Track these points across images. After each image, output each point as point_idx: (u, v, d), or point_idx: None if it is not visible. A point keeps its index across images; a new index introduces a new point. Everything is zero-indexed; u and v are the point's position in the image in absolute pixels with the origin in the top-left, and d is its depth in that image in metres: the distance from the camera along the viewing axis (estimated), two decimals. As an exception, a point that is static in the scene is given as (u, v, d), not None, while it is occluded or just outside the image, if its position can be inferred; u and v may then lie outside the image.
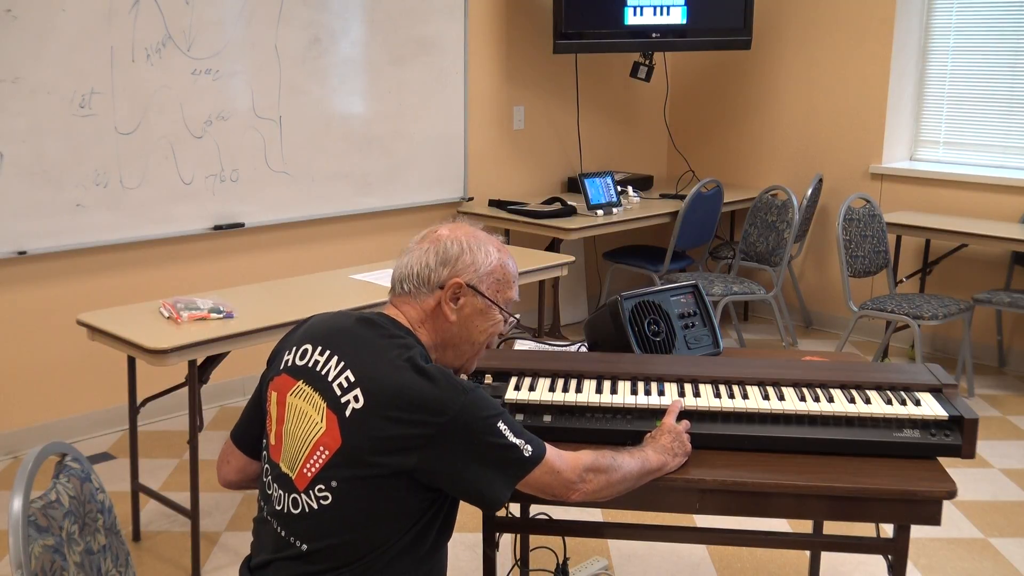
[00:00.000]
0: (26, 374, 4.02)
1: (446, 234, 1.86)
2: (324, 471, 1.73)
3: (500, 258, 1.87)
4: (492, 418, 1.73)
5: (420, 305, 1.84)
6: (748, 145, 6.15)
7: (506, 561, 3.08)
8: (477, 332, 1.87)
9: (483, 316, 1.86)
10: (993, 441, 4.28)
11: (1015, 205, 5.12)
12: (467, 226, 1.90)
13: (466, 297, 1.84)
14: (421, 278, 1.83)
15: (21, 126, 3.76)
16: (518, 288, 1.92)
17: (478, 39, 5.30)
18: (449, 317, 1.83)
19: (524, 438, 1.77)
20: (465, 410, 1.70)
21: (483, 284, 1.85)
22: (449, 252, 1.83)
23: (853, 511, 1.95)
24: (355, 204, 4.86)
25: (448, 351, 1.88)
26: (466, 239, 1.86)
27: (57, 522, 1.70)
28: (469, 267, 1.83)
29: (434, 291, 1.83)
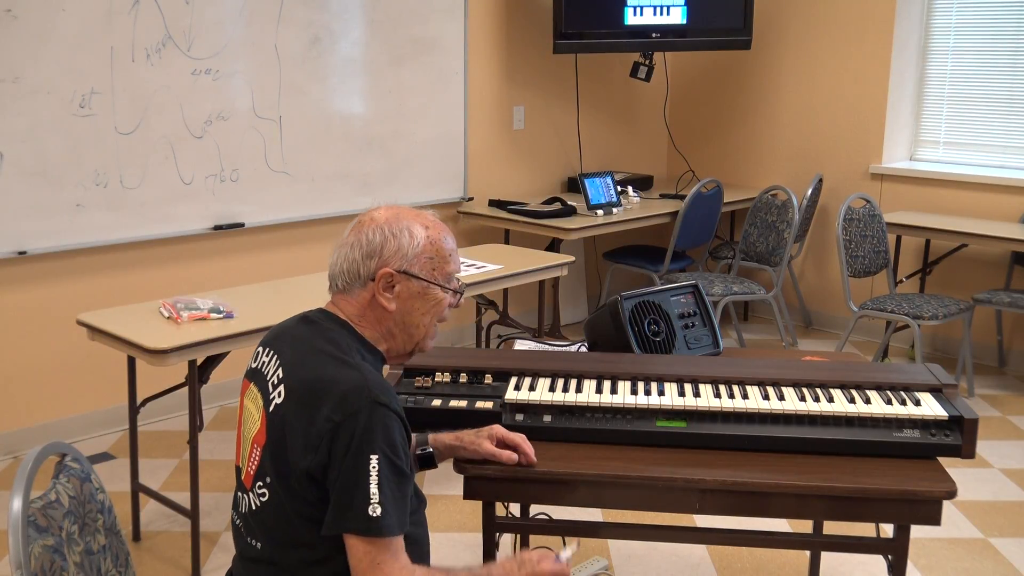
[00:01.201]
0: (26, 374, 4.02)
1: (367, 223, 1.81)
2: (259, 469, 1.75)
3: (429, 235, 1.81)
4: (376, 453, 1.63)
5: (356, 300, 1.81)
6: (748, 145, 6.15)
7: (506, 561, 3.07)
8: (421, 314, 1.82)
9: (423, 298, 1.81)
10: (993, 441, 4.28)
11: (1015, 205, 5.11)
12: (391, 208, 1.84)
13: (401, 283, 1.79)
14: (351, 274, 1.79)
15: (21, 126, 3.76)
16: (458, 258, 1.87)
17: (478, 39, 5.30)
18: (387, 307, 1.79)
19: (387, 502, 1.63)
20: (363, 420, 1.64)
21: (415, 266, 1.79)
22: (373, 243, 1.78)
23: (853, 511, 1.96)
24: (355, 204, 4.85)
25: (397, 336, 1.83)
26: (387, 226, 1.79)
27: (57, 522, 1.70)
28: (396, 254, 1.78)
29: (366, 284, 1.79)
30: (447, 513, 3.57)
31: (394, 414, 1.67)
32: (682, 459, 2.02)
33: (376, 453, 1.63)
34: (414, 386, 2.19)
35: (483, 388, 2.19)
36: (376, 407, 1.65)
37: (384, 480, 1.63)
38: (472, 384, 2.20)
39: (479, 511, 2.09)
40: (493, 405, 2.11)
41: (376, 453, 1.63)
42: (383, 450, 1.64)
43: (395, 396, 1.70)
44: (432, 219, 1.84)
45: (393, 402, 1.68)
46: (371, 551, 1.63)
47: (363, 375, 1.69)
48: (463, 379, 2.22)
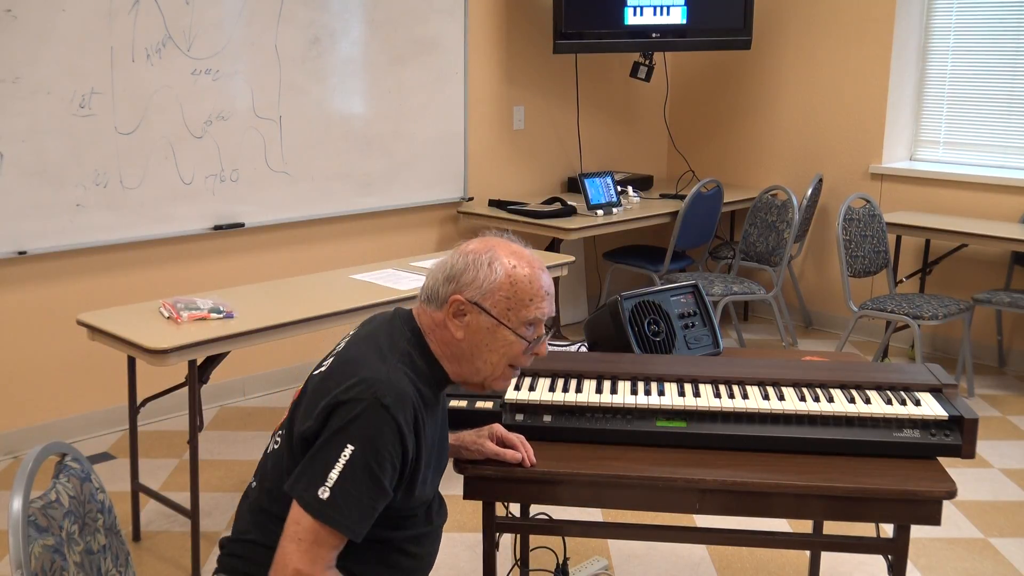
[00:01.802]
0: (26, 374, 4.02)
1: (463, 247, 1.82)
2: (285, 420, 1.82)
3: (512, 273, 1.77)
4: (354, 445, 1.64)
5: (432, 316, 1.81)
6: (748, 145, 6.15)
7: (506, 561, 3.08)
8: (488, 351, 1.79)
9: (491, 335, 1.78)
10: (993, 441, 4.28)
11: (1015, 205, 5.11)
12: (492, 239, 1.83)
13: (471, 314, 1.77)
14: (432, 291, 1.81)
15: (21, 126, 3.76)
16: (548, 308, 1.80)
17: (478, 39, 5.30)
18: (455, 334, 1.78)
19: (341, 494, 1.63)
20: (358, 409, 1.66)
21: (487, 300, 1.77)
22: (455, 268, 1.79)
23: (853, 511, 1.96)
24: (355, 204, 4.86)
25: (463, 364, 1.82)
26: (475, 254, 1.79)
27: (57, 522, 1.70)
28: (471, 284, 1.77)
29: (441, 306, 1.79)
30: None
31: (392, 421, 1.66)
32: (682, 459, 2.02)
33: (354, 445, 1.64)
34: (414, 386, 2.19)
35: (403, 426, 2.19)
36: (377, 406, 1.65)
37: (349, 473, 1.64)
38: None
39: (479, 511, 2.09)
40: (493, 405, 2.12)
41: (354, 445, 1.64)
42: (363, 446, 1.64)
43: (406, 407, 1.68)
44: (528, 260, 1.80)
45: (398, 411, 1.67)
46: (301, 524, 1.65)
47: (386, 373, 1.70)
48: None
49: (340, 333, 5.14)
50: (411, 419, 1.69)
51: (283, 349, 4.75)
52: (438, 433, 1.86)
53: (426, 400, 1.77)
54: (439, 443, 1.88)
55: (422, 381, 1.77)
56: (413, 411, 1.70)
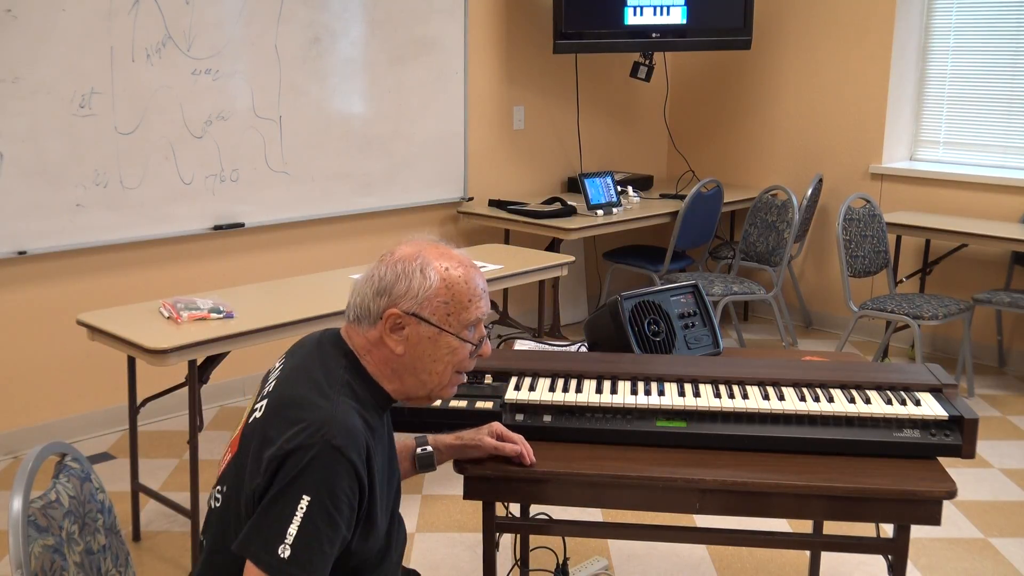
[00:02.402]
0: (26, 374, 4.02)
1: (388, 257, 1.71)
2: (224, 473, 1.70)
3: (446, 278, 1.68)
4: (309, 495, 1.53)
5: (365, 335, 1.70)
6: (748, 145, 6.15)
7: (506, 561, 3.08)
8: (432, 361, 1.70)
9: (434, 344, 1.69)
10: (993, 441, 4.28)
11: (1015, 205, 5.11)
12: (416, 245, 1.72)
13: (410, 327, 1.67)
14: (362, 309, 1.69)
15: (21, 126, 3.76)
16: (484, 306, 1.73)
17: (478, 39, 5.30)
18: (395, 349, 1.68)
19: (301, 548, 1.51)
20: (309, 457, 1.54)
21: (426, 310, 1.67)
22: (384, 280, 1.68)
23: (853, 511, 1.95)
24: (355, 204, 4.86)
25: (407, 379, 1.72)
26: (404, 264, 1.68)
27: (57, 522, 1.70)
28: (405, 294, 1.67)
29: (375, 323, 1.68)
30: (447, 513, 3.57)
31: (347, 462, 1.55)
32: (682, 459, 2.02)
33: (310, 495, 1.53)
34: (414, 386, 2.19)
35: (483, 388, 2.18)
36: (329, 449, 1.55)
37: (309, 526, 1.52)
38: (472, 384, 2.20)
39: (479, 511, 2.09)
40: (493, 405, 2.11)
41: (310, 495, 1.53)
42: (319, 494, 1.53)
43: (358, 444, 1.58)
44: (458, 261, 1.71)
45: (351, 449, 1.56)
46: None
47: (331, 412, 1.59)
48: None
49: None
50: (364, 455, 1.59)
51: (283, 349, 4.74)
52: (386, 456, 1.77)
53: (373, 428, 1.67)
54: (389, 465, 1.79)
55: (366, 409, 1.67)
56: (366, 446, 1.60)
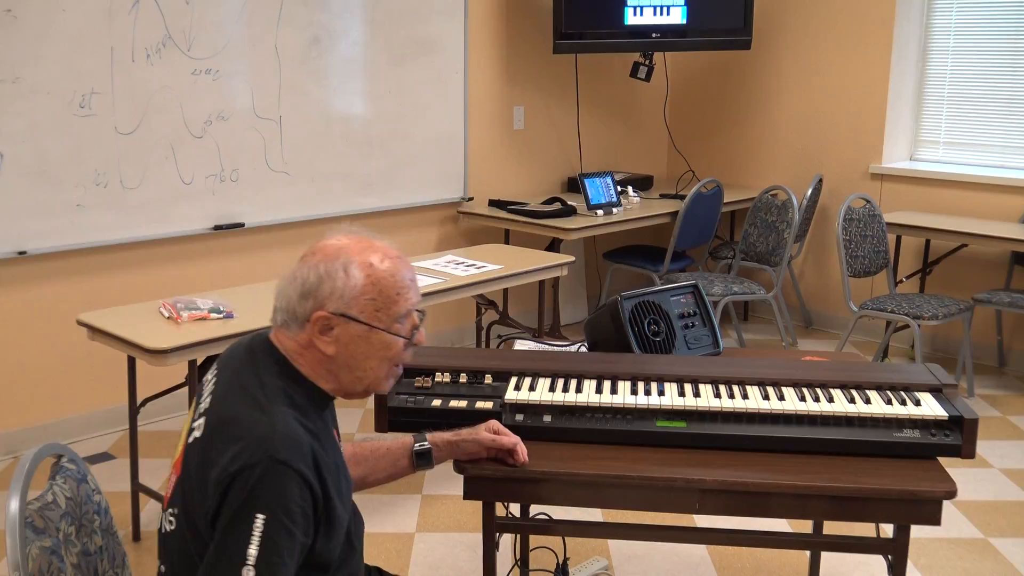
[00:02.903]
0: (26, 374, 4.02)
1: (309, 257, 1.67)
2: (172, 496, 1.66)
3: (370, 275, 1.64)
4: (263, 513, 1.51)
5: (295, 338, 1.67)
6: (748, 145, 6.15)
7: (506, 561, 3.07)
8: (366, 358, 1.67)
9: (366, 341, 1.65)
10: (993, 441, 4.28)
11: (1015, 205, 5.11)
12: (337, 241, 1.68)
13: (340, 327, 1.64)
14: (289, 312, 1.66)
15: (21, 126, 3.76)
16: (414, 296, 1.70)
17: (478, 39, 5.30)
18: (326, 351, 1.65)
19: (264, 566, 1.49)
20: (256, 476, 1.51)
21: (353, 308, 1.63)
22: (308, 282, 1.64)
23: (853, 511, 1.95)
24: (355, 204, 4.86)
25: (343, 377, 1.69)
26: (326, 264, 1.64)
27: (54, 523, 1.70)
28: (331, 295, 1.63)
29: (303, 326, 1.65)
30: (447, 513, 3.57)
31: (295, 473, 1.53)
32: (682, 459, 2.02)
33: (263, 513, 1.50)
34: (414, 386, 2.19)
35: (483, 388, 2.18)
36: (275, 465, 1.52)
37: (268, 544, 1.50)
38: (472, 384, 2.20)
39: (479, 511, 2.09)
40: (493, 405, 2.11)
41: (263, 513, 1.50)
42: (272, 511, 1.51)
43: (303, 452, 1.56)
44: (381, 255, 1.67)
45: (297, 460, 1.54)
46: None
47: (271, 427, 1.55)
48: (463, 379, 2.21)
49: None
50: (311, 461, 1.57)
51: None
52: (334, 455, 1.71)
53: (316, 432, 1.64)
54: (337, 462, 1.75)
55: (305, 413, 1.64)
56: (311, 452, 1.57)
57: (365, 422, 4.39)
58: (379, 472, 2.04)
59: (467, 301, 5.27)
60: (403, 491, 3.74)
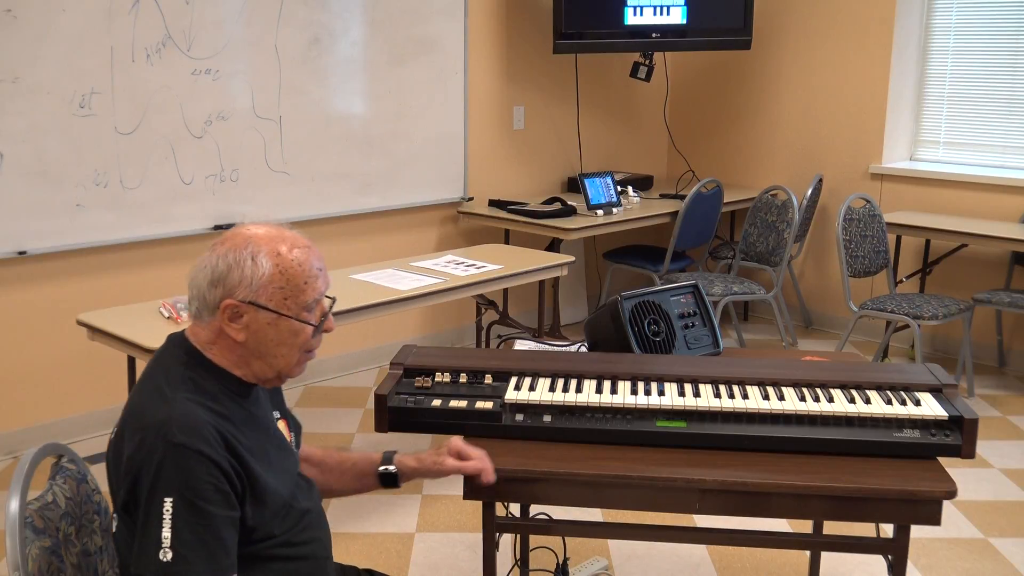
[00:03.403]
0: (26, 374, 4.02)
1: (219, 246, 1.70)
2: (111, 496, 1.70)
3: (278, 263, 1.68)
4: (170, 496, 1.55)
5: (207, 327, 1.70)
6: (748, 145, 6.15)
7: (506, 561, 3.07)
8: (276, 345, 1.70)
9: (275, 328, 1.69)
10: (993, 441, 4.28)
11: (1015, 205, 5.11)
12: (246, 230, 1.72)
13: (249, 314, 1.67)
14: (200, 301, 1.69)
15: (21, 126, 3.76)
16: (322, 284, 1.74)
17: (478, 39, 5.30)
18: (236, 338, 1.68)
19: (182, 546, 1.54)
20: (156, 461, 1.56)
21: (262, 296, 1.67)
22: (217, 270, 1.67)
23: (853, 511, 1.95)
24: (355, 204, 4.86)
25: (255, 363, 1.72)
26: (235, 253, 1.67)
27: (54, 523, 1.70)
28: (239, 283, 1.66)
29: (213, 313, 1.68)
30: (447, 513, 3.57)
31: (195, 453, 1.56)
32: (682, 459, 2.02)
33: (170, 496, 1.55)
34: (414, 386, 2.19)
35: (483, 388, 2.18)
36: (172, 448, 1.56)
37: (180, 523, 1.54)
38: (472, 384, 2.20)
39: (479, 511, 2.09)
40: (493, 405, 2.11)
41: (170, 496, 1.55)
42: (179, 492, 1.55)
43: (204, 433, 1.59)
44: (289, 243, 1.71)
45: (196, 441, 1.57)
46: None
47: (169, 412, 1.60)
48: (463, 379, 2.21)
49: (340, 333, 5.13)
50: (215, 439, 1.60)
51: (283, 349, 4.74)
52: (261, 438, 1.75)
53: (230, 415, 1.67)
54: (274, 443, 1.79)
55: (216, 399, 1.67)
56: (215, 431, 1.60)
57: (365, 422, 4.39)
58: (345, 485, 2.04)
59: (467, 301, 5.27)
60: (403, 491, 3.73)
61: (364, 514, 3.55)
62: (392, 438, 4.25)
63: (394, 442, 4.18)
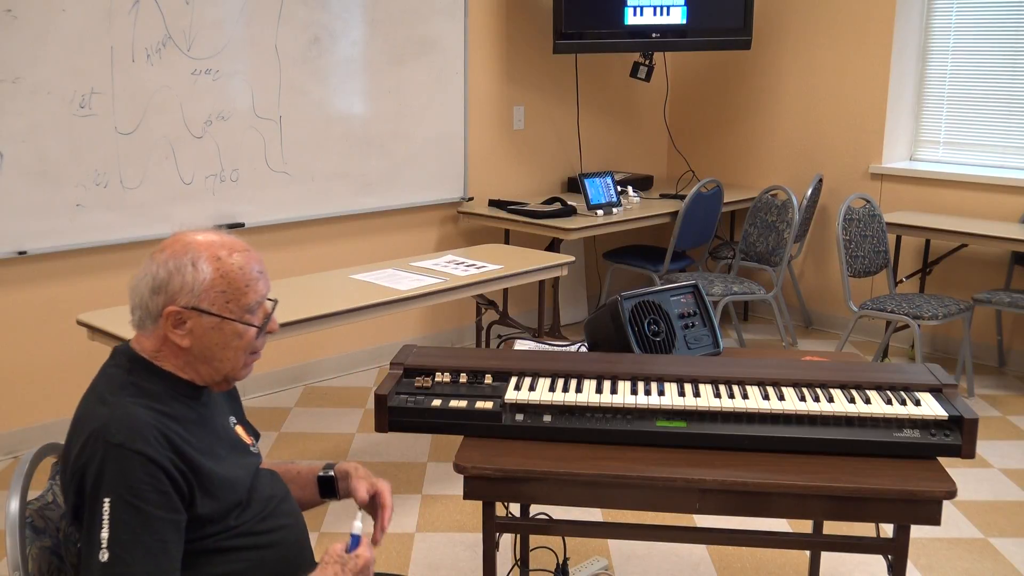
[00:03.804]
0: (26, 374, 4.02)
1: (157, 254, 1.72)
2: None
3: (219, 267, 1.70)
4: (108, 497, 1.56)
5: (151, 336, 1.72)
6: (748, 145, 6.15)
7: (506, 561, 3.07)
8: (221, 349, 1.72)
9: (219, 332, 1.71)
10: (993, 441, 4.28)
11: (1015, 205, 5.11)
12: (184, 236, 1.74)
13: (192, 319, 1.69)
14: (142, 309, 1.71)
15: (21, 126, 3.76)
16: (263, 287, 1.78)
17: (478, 39, 5.30)
18: (181, 343, 1.70)
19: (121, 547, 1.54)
20: (96, 463, 1.57)
21: (204, 301, 1.69)
22: (158, 278, 1.69)
23: (853, 511, 1.95)
24: (355, 204, 4.86)
25: (202, 367, 1.74)
26: (175, 260, 1.69)
27: (54, 523, 1.70)
28: (181, 290, 1.68)
29: (156, 321, 1.70)
30: (447, 513, 3.57)
31: (134, 453, 1.57)
32: (682, 459, 2.02)
33: (108, 496, 1.55)
34: (414, 386, 2.19)
35: (483, 388, 2.18)
36: (111, 449, 1.57)
37: (119, 524, 1.55)
38: (472, 384, 2.20)
39: (479, 511, 2.09)
40: (493, 405, 2.11)
41: (108, 496, 1.55)
42: (118, 493, 1.55)
43: (144, 433, 1.59)
44: (228, 247, 1.74)
45: (135, 441, 1.58)
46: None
47: (108, 415, 1.61)
48: (463, 379, 2.21)
49: (340, 333, 5.14)
50: (156, 438, 1.60)
51: (283, 349, 4.74)
52: (216, 437, 1.77)
53: (176, 415, 1.68)
54: (226, 443, 1.79)
55: (161, 400, 1.68)
56: (157, 431, 1.61)
57: (365, 422, 4.39)
58: (296, 495, 2.00)
59: (467, 301, 5.27)
60: (403, 491, 3.74)
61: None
62: (392, 438, 4.25)
63: (394, 442, 4.19)
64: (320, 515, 3.52)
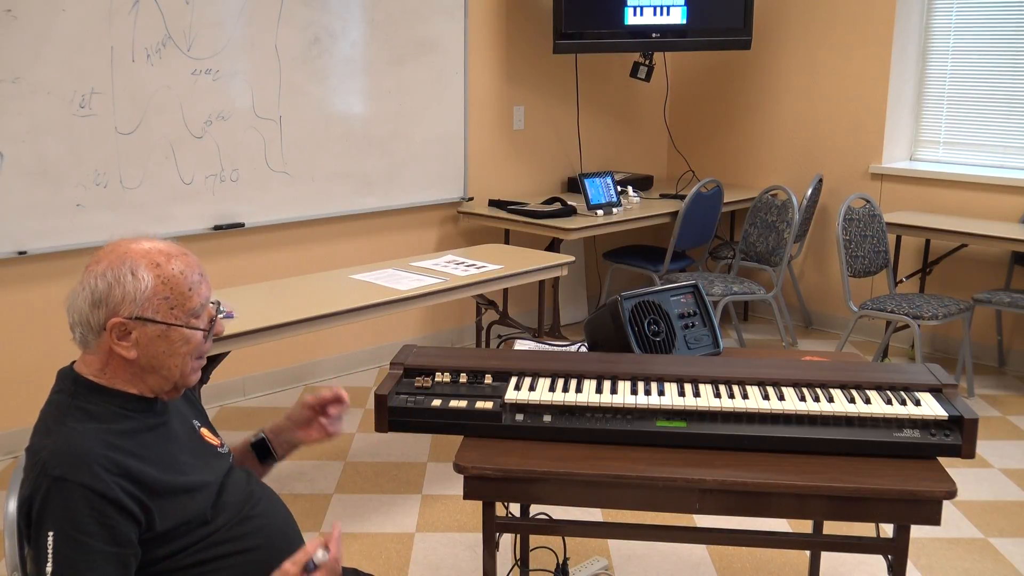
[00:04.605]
0: (26, 374, 4.02)
1: (93, 265, 1.67)
2: None
3: (159, 274, 1.67)
4: (51, 531, 1.53)
5: (96, 354, 1.69)
6: (748, 145, 6.15)
7: (506, 561, 3.07)
8: (169, 356, 1.69)
9: (166, 340, 1.68)
10: (993, 441, 4.28)
11: (1015, 205, 5.11)
12: (119, 245, 1.69)
13: (137, 330, 1.65)
14: (84, 326, 1.67)
15: (21, 126, 3.76)
16: (206, 290, 1.75)
17: (478, 39, 5.30)
18: (127, 355, 1.66)
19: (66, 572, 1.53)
20: (40, 498, 1.55)
21: (148, 310, 1.65)
22: (97, 291, 1.64)
23: (853, 511, 1.95)
24: (355, 204, 4.86)
25: (150, 378, 1.71)
26: (110, 270, 1.65)
27: (56, 522, 1.70)
28: (123, 300, 1.64)
29: (100, 335, 1.66)
30: (447, 513, 3.57)
31: (76, 485, 1.55)
32: (682, 459, 2.02)
33: (52, 530, 1.54)
34: (414, 386, 2.19)
35: (483, 388, 2.18)
36: (53, 483, 1.55)
37: (59, 558, 1.53)
38: (472, 384, 2.20)
39: (479, 511, 2.09)
40: (493, 405, 2.11)
41: (52, 530, 1.54)
42: (60, 527, 1.53)
43: (87, 464, 1.56)
44: (166, 253, 1.70)
45: (77, 474, 1.55)
46: None
47: (53, 447, 1.59)
48: (463, 379, 2.21)
49: (340, 333, 5.13)
50: (103, 466, 1.57)
51: (283, 349, 4.74)
52: (177, 445, 1.75)
53: (128, 430, 1.66)
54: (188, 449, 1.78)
55: (108, 420, 1.66)
56: (103, 457, 1.58)
57: (365, 422, 4.39)
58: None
59: (467, 301, 5.27)
60: (403, 491, 3.74)
61: (364, 514, 3.55)
62: (392, 438, 4.25)
63: (394, 441, 4.19)
64: (320, 515, 3.52)
